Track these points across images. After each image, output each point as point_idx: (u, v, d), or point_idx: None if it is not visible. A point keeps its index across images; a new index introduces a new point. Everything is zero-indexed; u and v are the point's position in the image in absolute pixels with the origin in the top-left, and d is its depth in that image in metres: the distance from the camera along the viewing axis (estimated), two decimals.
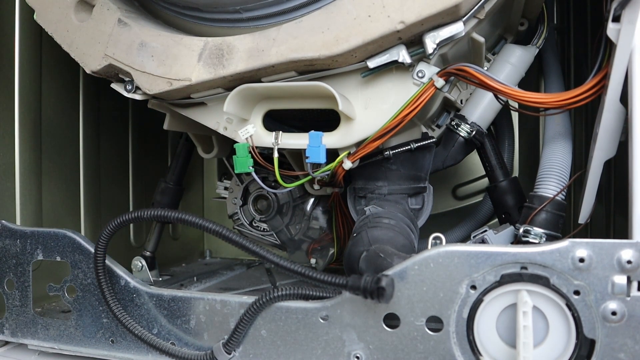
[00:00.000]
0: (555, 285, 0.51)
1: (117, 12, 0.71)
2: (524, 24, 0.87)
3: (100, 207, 1.03)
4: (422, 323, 0.55)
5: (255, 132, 0.67)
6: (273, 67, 0.63)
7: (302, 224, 0.96)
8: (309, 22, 0.62)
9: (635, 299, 0.49)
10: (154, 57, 0.68)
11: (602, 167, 0.62)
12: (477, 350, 0.54)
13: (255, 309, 0.61)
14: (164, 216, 0.63)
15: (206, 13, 0.69)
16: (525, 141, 1.17)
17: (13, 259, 0.74)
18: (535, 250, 0.51)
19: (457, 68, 0.63)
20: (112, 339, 0.69)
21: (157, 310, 0.67)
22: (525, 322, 0.51)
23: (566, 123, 0.78)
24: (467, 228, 1.03)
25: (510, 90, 0.61)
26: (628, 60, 0.54)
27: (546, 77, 0.91)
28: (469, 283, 0.53)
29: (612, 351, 0.50)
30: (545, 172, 0.72)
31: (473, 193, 1.21)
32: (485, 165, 0.83)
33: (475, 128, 0.77)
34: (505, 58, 0.81)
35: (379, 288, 0.52)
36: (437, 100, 0.77)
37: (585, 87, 0.60)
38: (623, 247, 0.49)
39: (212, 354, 0.62)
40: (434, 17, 0.57)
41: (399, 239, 0.66)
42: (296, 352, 0.61)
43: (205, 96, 0.70)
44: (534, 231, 0.69)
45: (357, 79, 0.66)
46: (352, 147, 0.68)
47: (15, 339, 0.75)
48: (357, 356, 0.58)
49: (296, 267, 0.58)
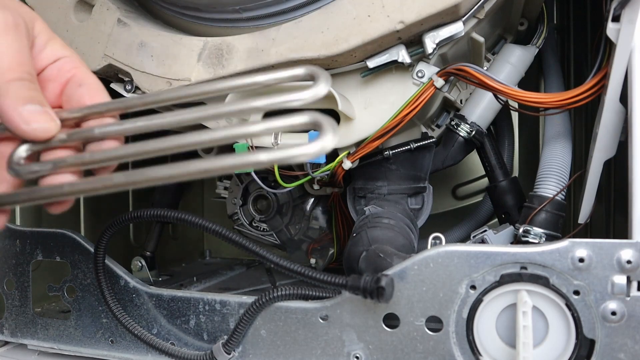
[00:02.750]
0: (555, 285, 0.51)
1: (116, 12, 0.71)
2: (524, 24, 0.87)
3: (100, 207, 1.03)
4: (422, 323, 0.55)
5: None
6: (272, 67, 0.63)
7: (301, 224, 0.96)
8: (308, 22, 0.62)
9: (635, 299, 0.49)
10: (153, 57, 0.68)
11: (601, 167, 0.62)
12: (477, 350, 0.54)
13: (255, 309, 0.61)
14: (163, 216, 0.63)
15: (206, 13, 0.69)
16: (525, 141, 1.17)
17: (13, 259, 0.74)
18: (535, 250, 0.51)
19: (456, 68, 0.63)
20: (112, 339, 0.69)
21: (157, 310, 0.67)
22: (525, 322, 0.51)
23: (566, 123, 0.78)
24: (466, 228, 1.03)
25: (510, 90, 0.61)
26: (628, 60, 0.54)
27: (546, 77, 0.91)
28: (468, 283, 0.53)
29: (612, 351, 0.50)
30: (545, 172, 0.72)
31: (473, 193, 1.21)
32: (485, 165, 0.82)
33: (475, 128, 0.77)
34: (505, 58, 0.81)
35: (379, 288, 0.52)
36: (437, 100, 0.77)
37: (585, 87, 0.60)
38: (623, 247, 0.49)
39: (212, 354, 0.62)
40: (434, 17, 0.57)
41: (399, 239, 0.66)
42: (296, 352, 0.61)
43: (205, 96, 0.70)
44: (534, 231, 0.69)
45: (356, 79, 0.66)
46: (352, 147, 0.68)
47: (15, 339, 0.75)
48: (357, 356, 0.58)
49: (296, 267, 0.58)
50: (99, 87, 0.47)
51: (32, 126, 0.42)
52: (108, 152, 0.43)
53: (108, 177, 0.40)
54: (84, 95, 0.46)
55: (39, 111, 0.43)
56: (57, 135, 0.44)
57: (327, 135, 0.35)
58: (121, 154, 0.42)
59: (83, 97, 0.46)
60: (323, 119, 0.36)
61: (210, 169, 0.37)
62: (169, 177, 0.38)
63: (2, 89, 0.42)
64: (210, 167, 0.37)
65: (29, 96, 0.43)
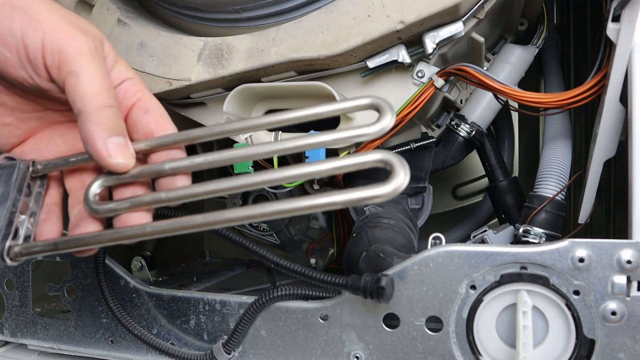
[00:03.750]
0: (555, 285, 0.51)
1: (116, 12, 0.71)
2: (524, 24, 0.87)
3: None
4: (422, 323, 0.55)
5: (255, 132, 0.67)
6: (272, 67, 0.63)
7: (301, 224, 0.96)
8: (308, 22, 0.62)
9: (635, 299, 0.49)
10: (153, 57, 0.68)
11: (601, 166, 0.62)
12: (477, 350, 0.54)
13: (255, 309, 0.61)
14: (163, 216, 0.63)
15: (206, 13, 0.69)
16: (525, 141, 1.17)
17: None
18: (535, 250, 0.51)
19: (456, 68, 0.63)
20: (112, 339, 0.69)
21: (157, 310, 0.67)
22: (525, 322, 0.51)
23: (566, 123, 0.78)
24: (467, 228, 1.03)
25: (510, 90, 0.61)
26: (628, 60, 0.54)
27: (546, 77, 0.91)
28: (468, 283, 0.53)
29: (612, 351, 0.50)
30: (545, 172, 0.72)
31: (473, 193, 1.21)
32: (485, 165, 0.83)
33: (475, 128, 0.77)
34: (505, 58, 0.81)
35: (379, 288, 0.52)
36: (437, 100, 0.77)
37: (585, 87, 0.60)
38: (623, 247, 0.49)
39: (212, 354, 0.62)
40: (434, 17, 0.57)
41: (399, 239, 0.66)
42: (296, 352, 0.61)
43: (205, 96, 0.70)
44: (534, 231, 0.69)
45: (356, 79, 0.66)
46: (352, 147, 0.68)
47: (15, 339, 0.75)
48: (357, 356, 0.58)
49: (296, 267, 0.58)
50: (163, 114, 0.48)
51: (115, 161, 0.43)
52: (183, 191, 0.44)
53: (189, 219, 0.42)
54: (150, 123, 0.47)
55: (122, 144, 0.44)
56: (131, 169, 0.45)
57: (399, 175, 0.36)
58: (196, 192, 0.43)
59: (149, 124, 0.47)
60: (394, 159, 0.37)
61: (287, 209, 0.38)
62: (246, 217, 0.40)
63: (93, 116, 0.42)
64: (287, 208, 0.38)
65: (116, 126, 0.44)
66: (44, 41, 0.42)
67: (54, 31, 0.43)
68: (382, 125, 0.38)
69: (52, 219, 0.49)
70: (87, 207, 0.46)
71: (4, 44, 0.43)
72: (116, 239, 0.45)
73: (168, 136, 0.46)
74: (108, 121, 0.43)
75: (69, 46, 0.42)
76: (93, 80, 0.43)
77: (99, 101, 0.42)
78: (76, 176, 0.50)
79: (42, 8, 0.44)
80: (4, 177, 0.46)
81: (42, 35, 0.42)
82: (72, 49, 0.42)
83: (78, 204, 0.48)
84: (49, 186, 0.50)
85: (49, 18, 0.43)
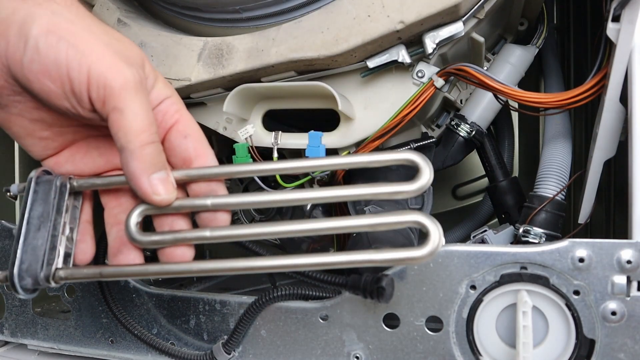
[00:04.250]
0: (555, 285, 0.51)
1: (116, 12, 0.71)
2: (524, 24, 0.87)
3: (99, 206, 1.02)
4: (422, 323, 0.55)
5: (255, 132, 0.67)
6: (272, 67, 0.63)
7: None
8: (308, 22, 0.62)
9: (635, 299, 0.49)
10: (153, 57, 0.68)
11: (601, 166, 0.62)
12: (477, 350, 0.54)
13: (255, 309, 0.61)
14: None
15: (205, 13, 0.69)
16: (525, 141, 1.17)
17: None
18: (535, 250, 0.51)
19: (456, 68, 0.63)
20: (112, 339, 0.69)
21: (157, 310, 0.67)
22: (525, 322, 0.51)
23: (566, 123, 0.78)
24: (467, 228, 1.03)
25: (510, 90, 0.61)
26: (628, 60, 0.54)
27: (546, 77, 0.91)
28: (468, 283, 0.53)
29: (612, 351, 0.50)
30: (545, 172, 0.72)
31: (473, 193, 1.21)
32: (485, 165, 0.82)
33: (475, 128, 0.77)
34: (505, 58, 0.81)
35: (379, 288, 0.52)
36: (437, 100, 0.77)
37: (585, 87, 0.60)
38: (623, 247, 0.49)
39: (212, 354, 0.62)
40: (434, 17, 0.57)
41: (399, 239, 0.66)
42: (296, 352, 0.61)
43: (205, 96, 0.70)
44: (534, 231, 0.69)
45: (356, 79, 0.66)
46: (352, 147, 0.68)
47: (15, 339, 0.75)
48: (357, 356, 0.58)
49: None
50: (202, 139, 0.48)
51: (158, 197, 0.44)
52: (227, 231, 0.46)
53: (231, 261, 0.44)
54: (189, 149, 0.47)
55: (164, 180, 0.44)
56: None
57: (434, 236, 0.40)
58: (239, 234, 0.45)
59: (188, 150, 0.47)
60: (428, 221, 0.40)
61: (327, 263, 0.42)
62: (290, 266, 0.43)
63: (136, 153, 0.43)
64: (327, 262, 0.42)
65: (158, 162, 0.44)
66: (89, 75, 0.42)
67: (100, 64, 0.42)
68: (419, 184, 0.41)
69: (87, 239, 0.50)
70: (129, 236, 0.46)
71: (48, 75, 0.42)
72: (161, 274, 0.46)
73: (209, 168, 0.47)
74: (152, 158, 0.43)
75: (113, 81, 0.42)
76: (137, 117, 0.43)
77: (142, 139, 0.43)
78: (111, 192, 0.50)
79: (88, 37, 0.43)
80: (40, 194, 0.47)
81: (87, 69, 0.42)
82: (117, 84, 0.42)
83: (117, 224, 0.49)
84: (83, 201, 0.51)
85: (95, 49, 0.43)
